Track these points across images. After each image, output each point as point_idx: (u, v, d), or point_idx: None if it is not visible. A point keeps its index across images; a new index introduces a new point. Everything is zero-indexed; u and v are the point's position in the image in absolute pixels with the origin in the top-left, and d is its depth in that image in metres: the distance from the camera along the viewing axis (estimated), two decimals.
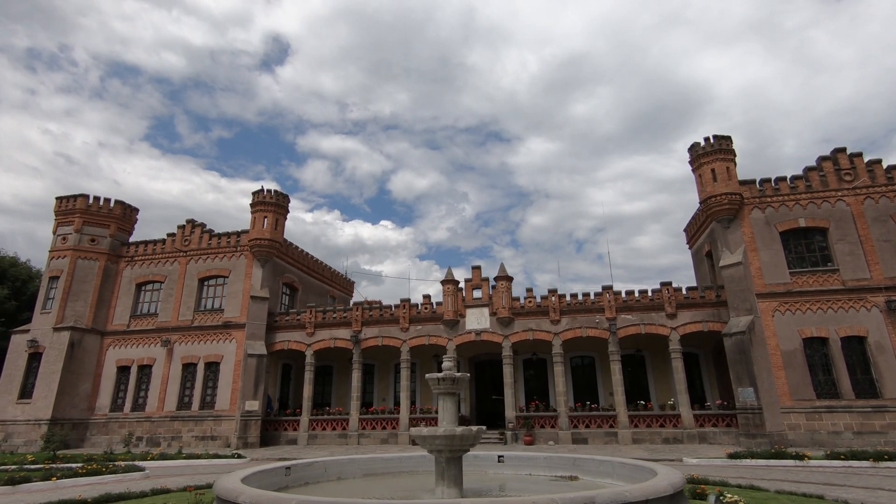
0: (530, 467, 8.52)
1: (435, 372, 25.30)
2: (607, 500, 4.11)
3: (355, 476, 8.19)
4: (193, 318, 27.99)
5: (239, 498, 4.46)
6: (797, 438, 20.12)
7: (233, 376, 26.22)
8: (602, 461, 7.80)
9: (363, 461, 8.61)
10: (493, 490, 7.13)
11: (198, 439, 25.47)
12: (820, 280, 22.07)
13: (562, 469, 8.14)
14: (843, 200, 22.75)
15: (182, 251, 29.50)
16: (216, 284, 28.76)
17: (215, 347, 27.08)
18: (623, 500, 4.18)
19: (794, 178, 23.55)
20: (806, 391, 20.80)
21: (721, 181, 23.34)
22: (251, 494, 4.47)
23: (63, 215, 29.41)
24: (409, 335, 26.22)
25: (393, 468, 8.69)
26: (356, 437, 24.97)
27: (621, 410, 23.01)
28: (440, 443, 6.33)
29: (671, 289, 24.01)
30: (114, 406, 27.43)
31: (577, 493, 4.55)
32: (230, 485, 5.00)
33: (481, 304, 25.82)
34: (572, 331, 24.57)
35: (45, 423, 25.34)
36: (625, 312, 24.28)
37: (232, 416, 25.46)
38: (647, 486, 4.64)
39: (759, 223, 23.19)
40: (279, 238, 28.56)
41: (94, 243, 29.30)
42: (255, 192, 28.64)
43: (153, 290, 29.62)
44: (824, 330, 21.34)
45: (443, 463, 6.37)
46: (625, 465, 7.15)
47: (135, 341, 28.30)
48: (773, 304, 22.03)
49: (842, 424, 20.13)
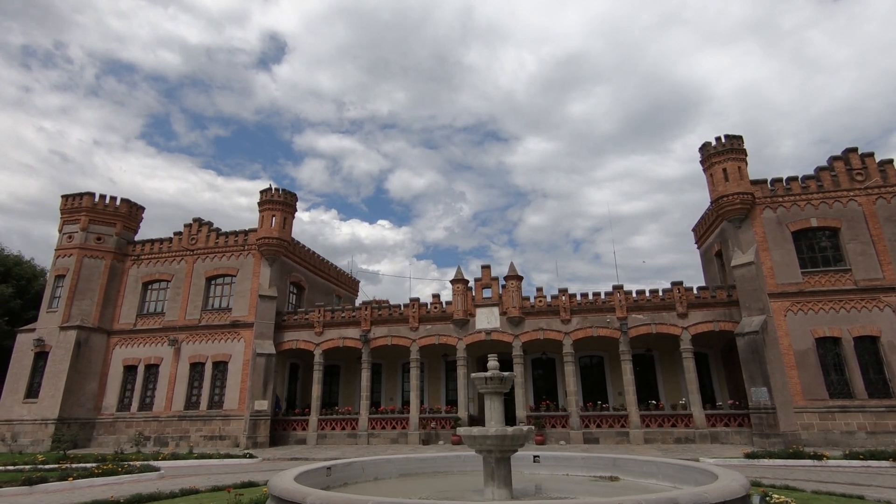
0: (566, 467, 8.44)
1: (443, 371, 24.75)
2: (689, 500, 4.05)
3: (391, 476, 8.10)
4: (201, 318, 27.82)
5: (307, 499, 4.36)
6: (810, 438, 20.11)
7: (241, 376, 26.08)
8: (645, 461, 7.72)
9: (399, 461, 8.52)
10: (544, 490, 7.05)
11: (206, 439, 25.32)
12: (832, 280, 22.07)
13: (601, 469, 8.06)
14: (854, 200, 22.76)
15: (189, 250, 29.33)
16: (223, 283, 28.60)
17: (223, 347, 26.92)
18: (704, 501, 4.12)
19: (805, 177, 23.55)
20: (819, 391, 20.80)
21: (733, 181, 23.32)
22: (320, 496, 4.37)
23: (69, 213, 29.20)
24: (418, 335, 26.12)
25: (428, 468, 8.60)
26: (366, 437, 24.86)
27: (633, 410, 22.98)
28: (491, 443, 6.25)
29: (682, 288, 23.98)
30: (120, 405, 27.25)
31: (658, 494, 4.47)
32: (290, 486, 4.90)
33: (491, 304, 25.74)
34: (583, 330, 24.52)
35: (52, 422, 25.16)
36: (636, 312, 24.24)
37: (240, 416, 25.32)
38: (723, 487, 4.57)
39: (770, 223, 23.18)
40: (287, 237, 28.42)
41: (100, 242, 29.10)
42: (263, 190, 28.49)
43: (159, 288, 29.43)
44: (837, 330, 21.34)
45: (492, 463, 6.29)
46: (670, 465, 7.07)
47: (141, 340, 28.12)
48: (785, 303, 22.02)
49: (855, 424, 20.13)
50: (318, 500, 4.31)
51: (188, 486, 11.08)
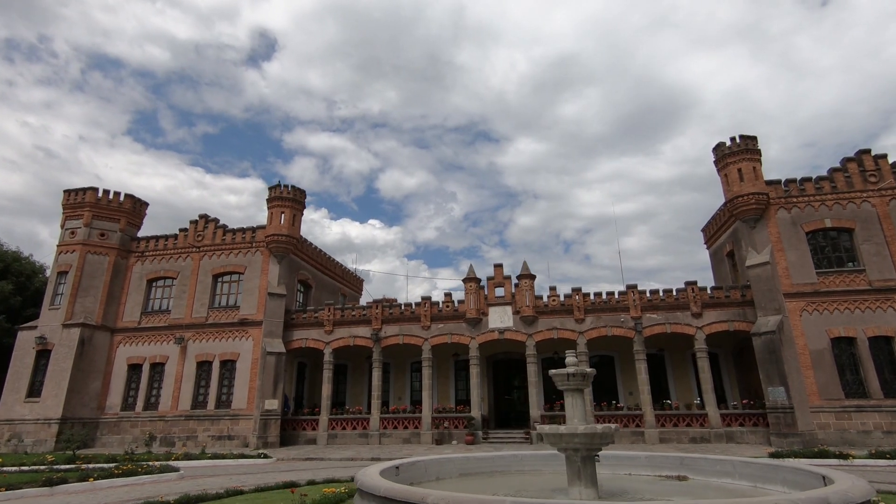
0: (628, 466, 8.29)
1: (452, 370, 24.53)
2: (840, 500, 3.90)
3: (452, 476, 7.88)
4: (208, 315, 27.36)
5: (427, 499, 4.14)
6: (827, 438, 20.17)
7: (250, 374, 25.66)
8: (718, 460, 7.57)
9: (458, 461, 8.31)
10: (629, 492, 6.86)
11: (214, 439, 24.88)
12: (846, 280, 22.19)
13: (667, 469, 7.91)
14: (868, 201, 22.91)
15: (195, 246, 28.84)
16: (231, 281, 28.15)
17: (231, 345, 26.49)
18: (851, 501, 3.99)
19: (819, 178, 23.68)
20: (835, 391, 20.89)
21: (748, 181, 23.37)
22: (440, 496, 4.14)
23: (71, 209, 28.60)
24: (430, 333, 25.88)
25: (486, 468, 8.40)
26: (377, 437, 24.58)
27: (648, 410, 22.93)
28: (579, 441, 6.07)
29: (696, 288, 23.98)
30: (124, 405, 26.70)
31: (809, 493, 4.32)
32: (403, 487, 4.67)
33: (504, 303, 25.58)
34: (597, 330, 24.44)
35: (56, 422, 24.60)
36: (650, 311, 24.20)
37: (249, 416, 24.92)
38: (860, 486, 4.43)
39: (785, 223, 23.26)
40: (296, 234, 28.05)
41: (103, 238, 28.53)
42: (272, 187, 28.10)
43: (165, 286, 28.91)
44: (852, 330, 21.45)
45: (578, 462, 6.10)
46: (749, 465, 6.92)
47: (146, 339, 27.59)
48: (800, 303, 22.10)
49: (871, 424, 20.23)
50: (441, 500, 4.07)
51: (233, 487, 10.72)
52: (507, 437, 24.52)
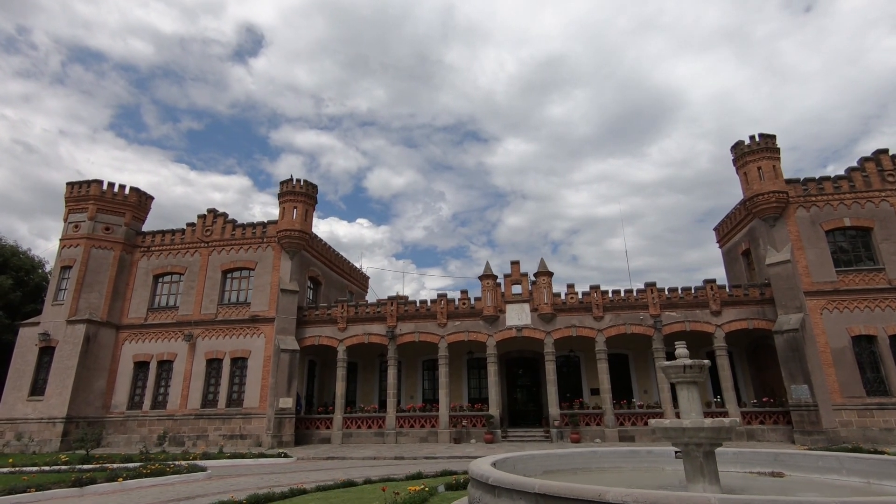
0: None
1: (465, 368, 24.18)
2: None
3: (537, 473, 7.56)
4: (217, 312, 26.73)
5: (606, 496, 3.83)
6: (850, 435, 20.23)
7: (262, 372, 25.09)
8: (820, 455, 7.37)
9: (540, 457, 8.00)
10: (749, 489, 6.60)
11: (226, 438, 24.28)
12: (866, 279, 22.29)
13: (759, 465, 7.70)
14: (886, 201, 23.06)
15: (204, 241, 28.18)
16: (241, 277, 27.54)
17: (242, 342, 25.90)
18: None
19: (837, 177, 23.79)
20: (856, 388, 20.96)
21: (768, 179, 23.39)
22: (620, 493, 3.85)
23: (75, 202, 27.76)
24: (446, 331, 25.54)
25: (566, 465, 8.09)
26: (394, 436, 24.17)
27: (668, 408, 22.82)
28: (704, 435, 5.82)
29: (715, 286, 23.96)
30: (131, 403, 25.97)
31: None
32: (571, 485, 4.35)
33: (521, 300, 25.34)
34: (616, 327, 24.31)
35: (61, 421, 23.82)
36: (669, 310, 24.12)
37: (262, 414, 24.36)
38: None
39: (804, 222, 23.33)
40: (308, 229, 27.55)
41: (108, 232, 27.74)
42: (284, 181, 27.54)
43: (172, 281, 28.20)
44: (872, 328, 21.56)
45: (700, 458, 5.84)
46: (859, 461, 6.72)
47: (153, 335, 26.87)
48: (821, 301, 22.16)
49: (893, 421, 20.33)
50: (627, 497, 3.76)
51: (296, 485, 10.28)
52: (528, 435, 24.29)
